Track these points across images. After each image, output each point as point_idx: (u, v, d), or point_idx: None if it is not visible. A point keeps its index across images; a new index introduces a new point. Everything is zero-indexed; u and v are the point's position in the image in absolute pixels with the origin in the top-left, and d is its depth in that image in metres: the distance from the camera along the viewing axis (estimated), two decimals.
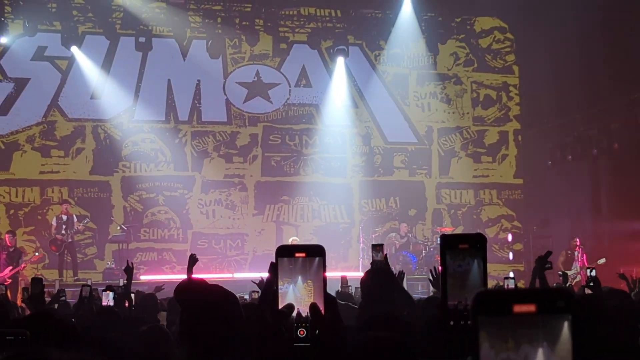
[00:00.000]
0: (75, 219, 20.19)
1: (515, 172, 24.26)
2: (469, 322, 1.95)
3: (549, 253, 8.21)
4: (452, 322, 1.98)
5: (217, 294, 3.52)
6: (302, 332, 1.92)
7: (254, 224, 22.68)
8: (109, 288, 9.13)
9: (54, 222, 20.21)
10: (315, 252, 1.94)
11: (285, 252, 1.95)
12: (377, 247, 7.49)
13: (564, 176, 22.22)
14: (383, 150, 23.64)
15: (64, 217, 20.08)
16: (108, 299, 9.07)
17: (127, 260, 10.69)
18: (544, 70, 22.34)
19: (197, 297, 3.51)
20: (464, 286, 1.95)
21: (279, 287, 1.93)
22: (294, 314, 1.93)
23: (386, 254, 6.99)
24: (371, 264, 7.09)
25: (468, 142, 24.12)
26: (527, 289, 1.00)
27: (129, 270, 10.20)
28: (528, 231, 23.11)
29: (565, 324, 0.98)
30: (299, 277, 1.93)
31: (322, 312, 1.94)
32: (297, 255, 1.93)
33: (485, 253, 1.93)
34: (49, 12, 21.47)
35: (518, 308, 0.97)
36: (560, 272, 14.43)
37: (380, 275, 6.22)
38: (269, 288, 1.98)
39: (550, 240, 21.91)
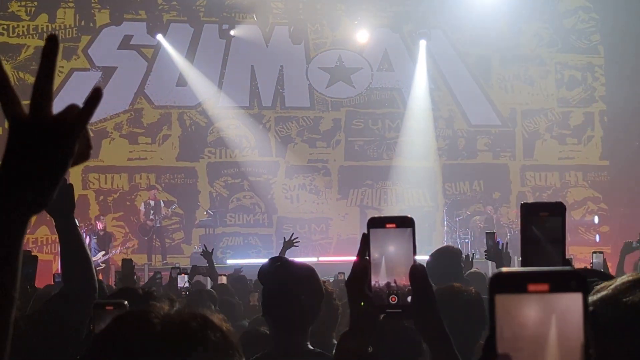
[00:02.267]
0: (162, 204, 20.56)
1: (601, 154, 23.88)
2: None
3: None
4: None
5: (299, 268, 3.66)
6: (393, 299, 1.97)
7: (338, 208, 22.78)
8: (185, 272, 9.37)
9: (142, 208, 20.61)
10: (406, 223, 1.98)
11: (376, 223, 1.99)
12: (489, 235, 7.54)
13: None
14: (466, 133, 23.51)
15: (152, 203, 20.46)
16: (184, 282, 9.29)
17: (204, 245, 10.98)
18: (630, 50, 21.91)
19: (279, 275, 3.63)
20: (544, 254, 1.99)
21: (371, 257, 1.99)
22: (385, 282, 1.99)
23: (498, 241, 7.05)
24: (484, 252, 7.18)
25: (553, 123, 23.82)
26: (541, 269, 1.05)
27: (207, 255, 10.47)
28: (615, 213, 22.75)
29: (578, 303, 1.02)
30: (390, 247, 1.99)
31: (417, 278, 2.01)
32: (387, 226, 1.98)
33: (564, 221, 1.96)
34: (134, 1, 21.82)
35: (533, 287, 1.02)
36: None
37: (444, 256, 6.31)
38: (361, 257, 2.03)
39: (637, 222, 21.56)
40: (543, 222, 1.98)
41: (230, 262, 20.29)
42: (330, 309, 4.36)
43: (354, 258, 2.02)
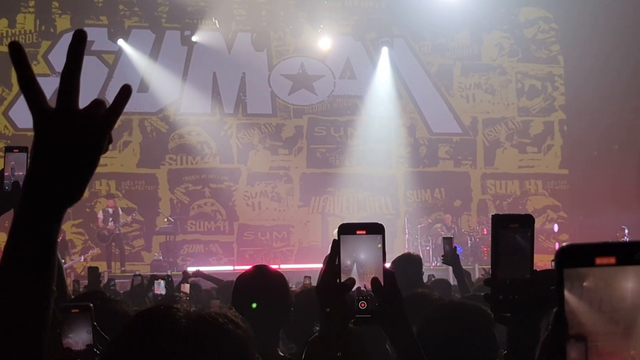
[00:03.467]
0: (121, 212, 20.43)
1: (560, 163, 24.13)
2: (517, 296, 2.06)
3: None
4: (501, 297, 2.12)
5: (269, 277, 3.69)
6: (363, 305, 2.01)
7: (300, 215, 22.77)
8: (157, 277, 9.33)
9: (100, 215, 20.44)
10: (376, 230, 2.02)
11: (347, 229, 2.03)
12: (447, 240, 7.61)
13: (609, 166, 22.07)
14: (428, 141, 23.64)
15: (110, 210, 20.31)
16: (160, 288, 9.24)
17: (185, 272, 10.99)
18: (589, 60, 22.16)
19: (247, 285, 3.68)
20: (514, 263, 2.07)
21: (342, 263, 2.00)
22: (356, 288, 2.00)
23: (456, 246, 7.13)
24: (442, 256, 7.24)
25: (513, 132, 24.04)
26: (607, 243, 1.06)
27: (186, 274, 10.51)
28: (574, 221, 22.98)
29: None
30: (360, 254, 2.00)
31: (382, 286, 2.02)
32: (358, 232, 2.01)
33: (533, 232, 2.05)
34: (95, 7, 21.70)
35: (599, 260, 1.03)
36: None
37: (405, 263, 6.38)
38: (331, 264, 2.04)
39: (596, 230, 21.80)
40: (513, 233, 2.05)
41: (191, 269, 20.19)
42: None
43: (316, 266, 2.04)
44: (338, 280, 2.02)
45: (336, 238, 2.06)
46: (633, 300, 1.00)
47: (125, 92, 1.52)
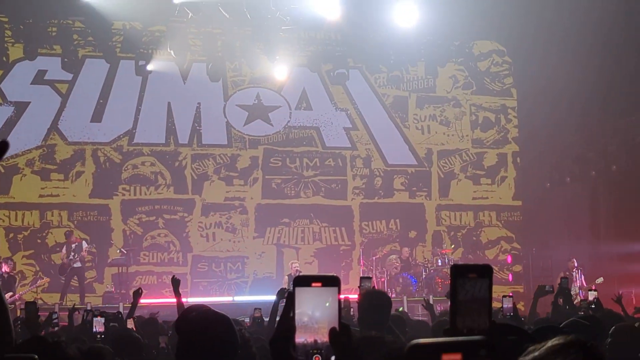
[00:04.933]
0: (84, 245, 20.18)
1: (514, 194, 24.35)
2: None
3: (565, 279, 8.38)
4: None
5: (213, 320, 3.60)
6: (317, 359, 1.98)
7: (255, 246, 22.67)
8: (101, 314, 9.15)
9: (64, 250, 20.19)
10: (332, 282, 2.02)
11: (302, 281, 2.02)
12: (365, 280, 7.63)
13: (562, 198, 22.33)
14: (383, 173, 23.73)
15: (73, 245, 20.08)
16: (99, 324, 9.06)
17: (140, 288, 10.78)
18: (542, 93, 22.45)
19: (192, 325, 3.58)
20: (472, 312, 2.07)
21: (297, 315, 1.99)
22: (311, 340, 1.98)
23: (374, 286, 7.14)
24: (359, 295, 7.19)
25: (467, 164, 24.22)
26: (452, 340, 1.07)
27: (136, 294, 10.27)
28: (527, 253, 23.17)
29: None
30: (316, 306, 1.98)
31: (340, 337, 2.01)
32: (313, 285, 2.00)
33: (492, 282, 2.06)
34: (49, 36, 21.48)
35: (446, 357, 1.04)
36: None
37: (376, 298, 6.36)
38: (285, 316, 2.02)
39: (549, 262, 22.01)
40: (471, 283, 2.06)
41: (144, 301, 19.98)
42: (248, 356, 4.32)
43: (270, 297, 2.02)
44: (293, 333, 1.99)
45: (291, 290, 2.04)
46: None
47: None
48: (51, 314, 11.02)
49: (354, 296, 17.06)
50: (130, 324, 9.86)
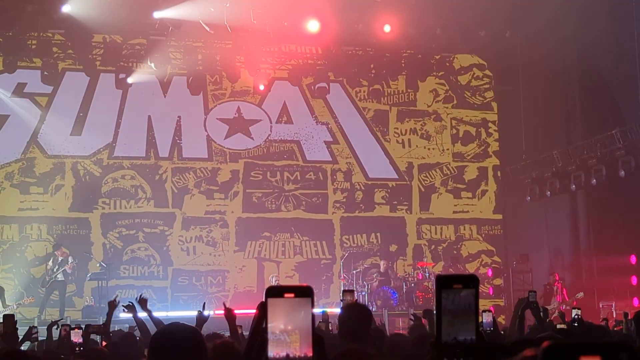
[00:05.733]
0: (70, 260, 20.07)
1: (494, 208, 24.40)
2: (462, 358, 2.04)
3: (534, 292, 8.37)
4: (445, 359, 2.07)
5: (184, 333, 3.58)
6: None
7: (235, 260, 22.61)
8: (77, 327, 9.02)
9: (50, 263, 20.08)
10: (304, 293, 1.98)
11: (274, 292, 1.99)
12: (347, 293, 7.60)
13: (543, 212, 22.41)
14: (364, 186, 23.73)
15: (59, 259, 19.98)
16: (77, 336, 8.97)
17: (116, 298, 10.61)
18: (522, 107, 22.54)
19: (162, 338, 3.56)
20: (457, 324, 2.03)
21: (269, 327, 1.96)
22: (283, 354, 1.95)
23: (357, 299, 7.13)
24: (342, 308, 7.18)
25: (448, 178, 24.26)
26: (593, 342, 1.03)
27: (111, 306, 10.03)
28: (508, 266, 23.21)
29: None
30: (289, 317, 1.96)
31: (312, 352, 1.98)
32: (286, 296, 1.97)
33: (478, 292, 2.03)
34: (28, 49, 21.37)
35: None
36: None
37: (358, 311, 6.35)
38: (257, 328, 2.00)
39: (529, 275, 22.06)
40: (457, 294, 2.02)
41: (123, 315, 19.84)
42: None
43: (250, 311, 1.99)
44: (266, 346, 1.96)
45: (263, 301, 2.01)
46: None
47: None
48: (31, 328, 10.92)
49: (335, 310, 17.12)
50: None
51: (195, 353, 3.51)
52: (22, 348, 10.14)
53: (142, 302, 9.28)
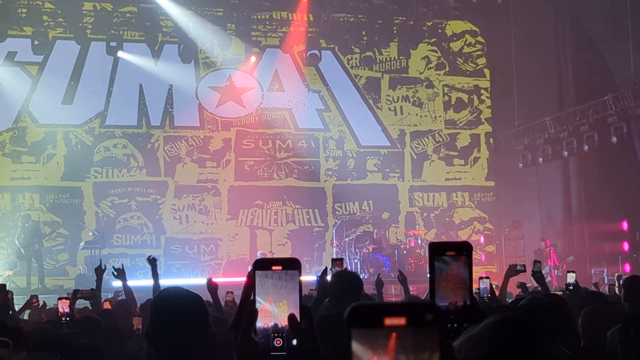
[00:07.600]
0: (41, 226, 20.09)
1: (487, 175, 24.43)
2: (456, 324, 2.06)
3: (539, 263, 8.43)
4: None
5: (185, 298, 3.56)
6: (278, 342, 1.98)
7: (228, 228, 22.63)
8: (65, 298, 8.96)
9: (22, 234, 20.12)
10: (292, 265, 1.99)
11: (262, 265, 2.00)
12: (336, 262, 7.63)
13: (534, 178, 22.46)
14: (356, 154, 23.70)
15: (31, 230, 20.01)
16: (65, 306, 8.93)
17: (100, 260, 10.55)
18: (515, 74, 22.50)
19: (165, 302, 3.53)
20: (451, 290, 2.03)
21: (257, 299, 1.96)
22: (271, 324, 1.97)
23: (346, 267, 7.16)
24: (332, 276, 7.20)
25: (440, 145, 24.25)
26: (398, 302, 1.04)
27: (99, 271, 9.94)
28: (500, 233, 23.29)
29: (434, 336, 1.02)
30: (276, 290, 1.97)
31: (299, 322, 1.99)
32: (274, 268, 1.98)
33: (471, 259, 2.02)
34: (18, 17, 21.26)
35: (389, 321, 1.01)
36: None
37: (348, 279, 6.38)
38: (246, 300, 2.02)
39: (522, 242, 22.16)
40: (450, 261, 2.02)
41: (115, 284, 19.87)
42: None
43: (243, 279, 2.00)
44: (255, 317, 1.97)
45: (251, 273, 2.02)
46: None
47: None
48: (32, 297, 10.95)
49: (329, 277, 17.17)
50: (106, 306, 9.71)
51: (203, 322, 3.50)
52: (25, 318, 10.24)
53: (152, 262, 9.18)
